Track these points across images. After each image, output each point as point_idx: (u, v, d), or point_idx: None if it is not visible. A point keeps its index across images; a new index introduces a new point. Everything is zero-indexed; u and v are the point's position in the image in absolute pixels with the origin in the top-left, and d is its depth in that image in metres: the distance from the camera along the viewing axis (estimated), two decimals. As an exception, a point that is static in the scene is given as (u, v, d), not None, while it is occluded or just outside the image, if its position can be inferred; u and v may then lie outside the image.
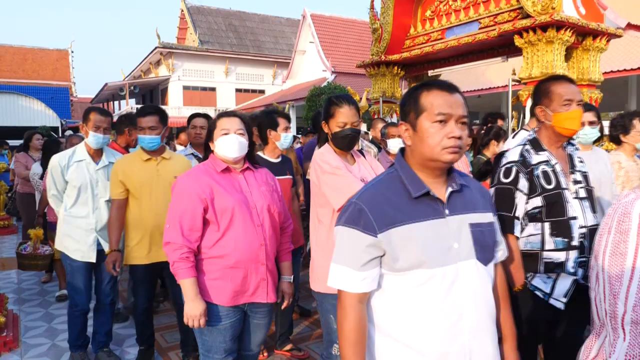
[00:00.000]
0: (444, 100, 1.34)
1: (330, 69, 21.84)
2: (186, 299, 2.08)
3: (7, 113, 23.97)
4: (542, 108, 2.15)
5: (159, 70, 30.08)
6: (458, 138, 1.32)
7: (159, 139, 3.06)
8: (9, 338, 3.68)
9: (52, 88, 26.94)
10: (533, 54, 5.88)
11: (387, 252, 1.33)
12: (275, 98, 23.11)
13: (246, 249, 2.14)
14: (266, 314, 2.36)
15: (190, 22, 30.36)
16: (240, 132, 2.22)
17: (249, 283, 2.18)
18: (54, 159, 3.25)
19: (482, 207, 1.45)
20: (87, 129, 3.19)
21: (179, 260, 2.07)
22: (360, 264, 1.35)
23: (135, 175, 3.03)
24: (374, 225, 1.33)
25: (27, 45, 32.28)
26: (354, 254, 1.36)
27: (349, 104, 2.37)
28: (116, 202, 3.09)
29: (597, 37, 6.20)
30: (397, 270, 1.34)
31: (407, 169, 1.41)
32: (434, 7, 7.51)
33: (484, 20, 6.66)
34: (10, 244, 7.34)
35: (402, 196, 1.37)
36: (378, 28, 7.94)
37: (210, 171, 2.21)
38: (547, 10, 5.58)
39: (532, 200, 2.07)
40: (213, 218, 2.12)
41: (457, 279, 1.33)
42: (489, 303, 1.40)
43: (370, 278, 1.36)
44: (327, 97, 2.49)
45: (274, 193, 2.34)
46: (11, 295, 4.84)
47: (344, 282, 1.38)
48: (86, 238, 3.22)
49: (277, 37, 32.60)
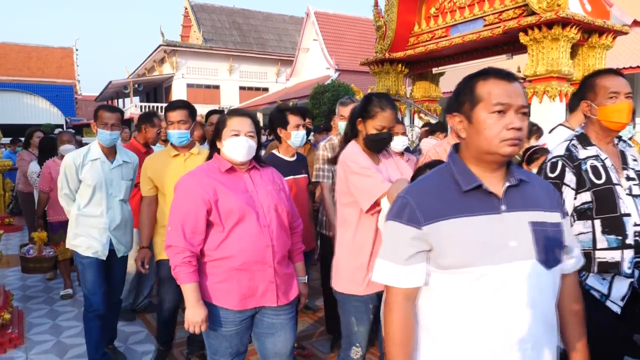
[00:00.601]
0: (503, 89, 1.25)
1: (334, 67, 21.80)
2: (187, 304, 2.02)
3: (12, 111, 24.07)
4: (587, 102, 2.09)
5: (163, 68, 30.12)
6: (518, 129, 1.24)
7: (188, 134, 3.03)
8: (14, 335, 3.70)
9: (56, 86, 27.03)
10: (538, 52, 5.85)
11: (433, 246, 1.27)
12: (279, 96, 23.10)
13: (252, 250, 2.06)
14: (280, 313, 2.20)
15: (194, 20, 30.35)
16: (250, 134, 2.14)
17: (256, 286, 2.09)
18: (68, 158, 3.19)
19: (548, 206, 1.34)
20: (96, 126, 3.17)
21: (181, 264, 2.01)
22: (404, 258, 1.30)
23: (163, 172, 3.01)
24: (418, 218, 1.27)
25: (31, 44, 32.32)
26: (398, 247, 1.31)
27: (392, 108, 2.30)
28: (146, 199, 3.09)
29: (603, 34, 6.16)
30: (444, 268, 1.27)
31: (459, 163, 1.34)
32: (438, 5, 7.47)
33: (488, 17, 6.62)
34: (16, 242, 7.37)
35: (452, 190, 1.30)
36: (382, 25, 7.92)
37: (214, 171, 2.14)
38: (552, 8, 5.55)
39: (581, 195, 2.00)
40: (217, 219, 2.05)
41: (512, 279, 1.23)
42: (548, 310, 1.30)
43: (416, 273, 1.30)
44: (368, 94, 2.42)
45: (281, 192, 2.25)
46: (16, 293, 4.86)
47: (388, 276, 1.33)
48: (100, 237, 3.16)
49: (281, 35, 32.55)
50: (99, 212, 3.17)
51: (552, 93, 5.79)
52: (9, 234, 7.83)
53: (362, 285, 2.28)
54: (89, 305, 3.14)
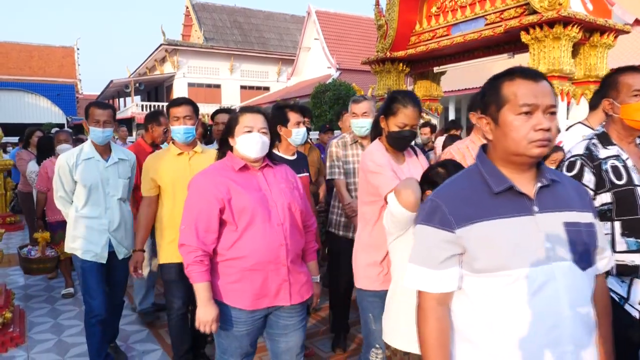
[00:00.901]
0: (529, 90, 1.22)
1: (335, 66, 21.79)
2: (199, 303, 2.01)
3: (13, 110, 24.08)
4: (609, 100, 2.03)
5: (164, 67, 30.13)
6: (547, 130, 1.20)
7: (194, 130, 2.97)
8: (15, 333, 3.71)
9: (58, 85, 27.04)
10: (540, 51, 5.84)
11: (467, 250, 1.24)
12: (280, 95, 23.10)
13: (266, 250, 2.03)
14: (293, 314, 2.19)
15: (195, 19, 30.35)
16: (263, 130, 2.12)
17: (269, 285, 2.07)
18: (61, 158, 3.09)
19: (580, 206, 1.31)
20: (87, 124, 3.07)
21: (193, 263, 2.00)
22: (437, 262, 1.27)
23: (167, 171, 2.92)
24: (450, 221, 1.25)
25: (33, 43, 32.35)
26: (430, 251, 1.28)
27: (414, 105, 2.26)
28: (146, 200, 2.97)
29: (605, 33, 6.14)
30: (478, 271, 1.24)
31: (489, 164, 1.31)
32: (439, 4, 7.46)
33: (490, 16, 6.61)
34: (17, 241, 7.38)
35: (483, 192, 1.27)
36: (383, 24, 7.91)
37: (227, 169, 2.12)
38: (554, 6, 5.54)
39: (600, 196, 1.95)
40: (230, 218, 2.03)
41: (550, 281, 1.20)
42: (587, 313, 1.26)
43: (449, 277, 1.28)
44: (392, 91, 2.38)
45: (294, 190, 2.23)
46: (18, 291, 4.87)
47: (421, 281, 1.31)
48: (99, 239, 3.06)
49: (282, 34, 32.54)
50: (97, 213, 3.08)
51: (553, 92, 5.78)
52: (10, 233, 7.84)
53: (377, 281, 2.30)
54: (90, 310, 3.06)
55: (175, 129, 2.93)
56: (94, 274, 3.06)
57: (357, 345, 3.59)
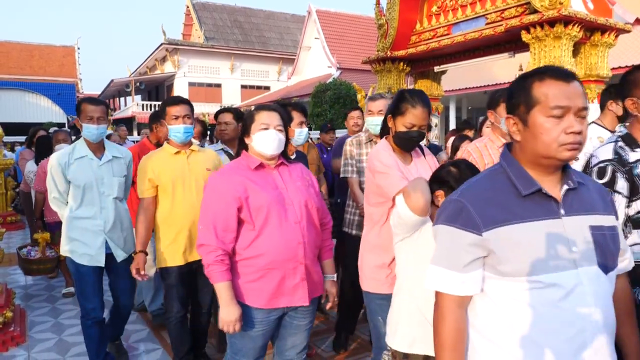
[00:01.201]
0: (561, 91, 1.18)
1: (335, 65, 21.79)
2: (221, 303, 2.00)
3: (14, 109, 24.10)
4: (633, 100, 1.93)
5: (164, 66, 30.14)
6: (578, 133, 1.17)
7: (193, 129, 2.95)
8: (16, 333, 3.71)
9: (58, 84, 27.04)
10: (540, 50, 5.83)
11: (492, 253, 1.21)
12: (281, 94, 23.10)
13: (284, 248, 2.03)
14: (307, 315, 2.22)
15: (195, 19, 30.35)
16: (279, 127, 2.12)
17: (287, 284, 2.07)
18: (53, 158, 2.99)
19: (603, 209, 1.30)
20: (80, 121, 2.96)
21: (214, 262, 1.99)
22: (462, 265, 1.24)
23: (166, 171, 2.86)
24: (477, 223, 1.22)
25: (33, 42, 32.36)
26: (455, 254, 1.25)
27: (423, 106, 2.19)
28: (144, 201, 2.88)
29: (606, 32, 6.13)
30: (504, 275, 1.21)
31: (516, 165, 1.27)
32: (440, 3, 7.46)
33: (490, 15, 6.60)
34: (18, 240, 7.38)
35: (510, 194, 1.24)
36: (384, 24, 7.91)
37: (243, 168, 2.11)
38: (555, 6, 5.53)
39: (635, 203, 1.85)
40: (248, 217, 2.02)
41: (577, 286, 1.18)
42: (610, 316, 1.25)
43: (472, 280, 1.25)
44: (400, 90, 2.32)
45: (310, 188, 2.22)
46: (18, 291, 4.87)
47: (444, 284, 1.28)
48: (94, 240, 2.97)
49: (283, 34, 32.54)
50: (91, 214, 2.98)
51: (554, 91, 5.77)
52: (11, 232, 7.84)
53: (385, 284, 2.25)
54: (85, 313, 3.01)
55: (175, 128, 2.88)
56: (90, 278, 2.98)
57: (358, 346, 3.59)
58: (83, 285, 2.99)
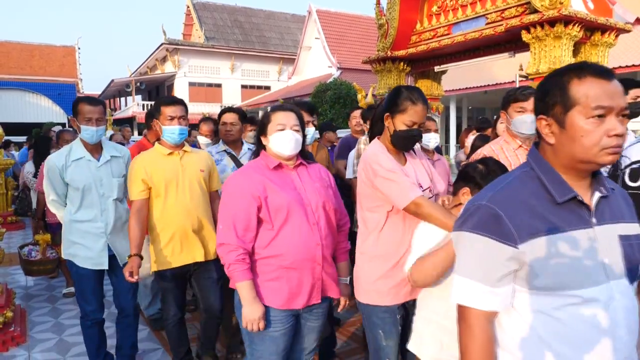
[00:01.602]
0: (602, 90, 1.09)
1: (336, 65, 21.78)
2: (244, 302, 1.99)
3: (14, 109, 24.11)
4: None
5: (165, 66, 30.14)
6: (620, 135, 1.09)
7: (187, 130, 2.90)
8: (16, 333, 3.71)
9: (59, 84, 27.04)
10: (541, 50, 5.82)
11: (527, 266, 1.13)
12: (281, 94, 23.09)
13: (302, 249, 2.02)
14: (320, 316, 2.22)
15: (196, 19, 30.36)
16: (296, 128, 2.11)
17: (304, 284, 2.06)
18: (49, 160, 2.90)
19: (629, 217, 1.23)
20: (77, 122, 2.85)
21: (235, 262, 1.98)
22: (495, 279, 1.14)
23: (159, 172, 2.80)
24: (513, 234, 1.12)
25: (34, 42, 32.36)
26: (488, 266, 1.15)
27: (423, 102, 2.09)
28: (137, 203, 2.80)
29: (606, 32, 6.13)
30: (537, 289, 1.13)
31: (550, 170, 1.17)
32: (440, 3, 7.46)
33: (490, 15, 6.60)
34: (18, 240, 7.39)
35: (543, 200, 1.15)
36: (384, 24, 7.90)
37: (262, 168, 2.11)
38: (555, 5, 5.53)
39: None
40: (267, 217, 2.02)
41: (611, 301, 1.12)
42: (636, 327, 1.18)
43: (504, 295, 1.16)
44: (397, 87, 2.19)
45: (328, 189, 2.21)
46: (19, 291, 4.87)
47: (474, 298, 1.17)
48: (95, 244, 2.91)
49: (283, 33, 32.54)
50: (92, 216, 2.91)
51: (554, 91, 5.78)
52: (12, 232, 7.86)
53: (388, 295, 2.09)
54: (84, 314, 2.99)
55: (169, 129, 2.82)
56: (90, 281, 2.94)
57: (358, 345, 3.56)
58: (83, 287, 2.95)
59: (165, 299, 2.97)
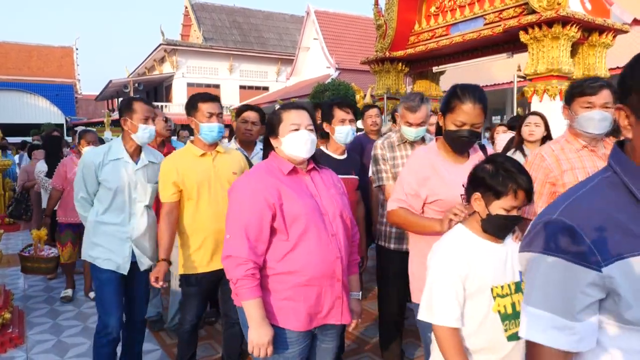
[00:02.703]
0: None
1: (334, 66, 21.80)
2: (251, 323, 1.77)
3: (12, 110, 24.08)
4: None
5: (163, 67, 30.13)
6: None
7: (224, 128, 2.74)
8: (14, 334, 3.70)
9: (56, 85, 27.05)
10: (539, 50, 5.84)
11: (615, 294, 0.90)
12: (279, 95, 23.10)
13: (321, 263, 1.82)
14: (335, 337, 2.03)
15: (194, 19, 30.36)
16: (310, 128, 1.93)
17: (323, 303, 1.86)
18: (87, 157, 2.79)
19: None
20: (132, 122, 2.73)
21: (244, 277, 1.75)
22: (576, 311, 0.91)
23: (191, 174, 2.64)
24: (595, 255, 0.89)
25: (32, 43, 32.35)
26: (564, 295, 0.92)
27: (474, 101, 1.91)
28: (167, 206, 2.65)
29: (604, 32, 6.15)
30: (632, 324, 0.90)
31: (635, 171, 0.94)
32: (438, 3, 7.47)
33: (489, 16, 6.62)
34: (16, 241, 7.38)
35: (631, 212, 0.92)
36: (382, 24, 7.91)
37: (275, 172, 1.90)
38: (553, 6, 5.55)
39: None
40: (282, 227, 1.81)
41: None
42: None
43: (586, 331, 0.93)
44: (453, 85, 2.02)
45: (343, 196, 2.02)
46: (17, 292, 4.86)
47: (546, 335, 0.94)
48: (121, 248, 2.75)
49: (281, 34, 32.55)
50: (119, 220, 2.77)
51: (552, 92, 5.78)
52: (9, 233, 7.85)
53: None
54: (103, 327, 2.74)
55: (208, 126, 2.66)
56: (112, 286, 2.75)
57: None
58: (104, 294, 2.76)
59: (187, 304, 2.82)
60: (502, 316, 1.60)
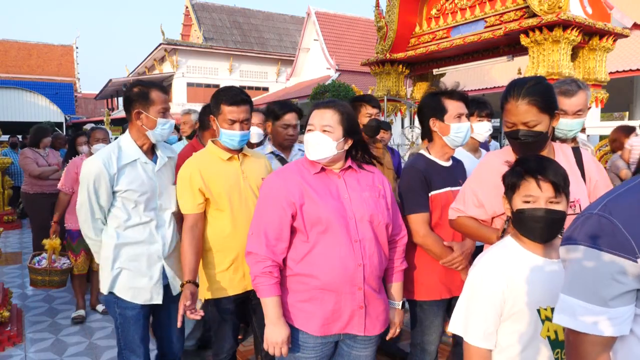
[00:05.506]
0: None
1: (334, 67, 21.81)
2: (267, 321, 1.77)
3: (11, 108, 24.05)
4: None
5: (163, 66, 30.12)
6: None
7: (249, 134, 2.36)
8: (12, 332, 3.70)
9: (56, 83, 27.01)
10: (539, 54, 5.85)
11: None
12: (279, 96, 23.11)
13: (340, 269, 1.75)
14: (369, 344, 1.91)
15: (194, 19, 30.35)
16: (327, 128, 1.79)
17: (341, 310, 1.79)
18: (95, 165, 2.18)
19: None
20: (149, 115, 2.24)
21: (262, 274, 1.76)
22: (608, 298, 0.97)
23: (219, 180, 2.25)
24: (631, 245, 0.94)
25: (32, 41, 32.34)
26: (599, 283, 0.98)
27: (518, 98, 1.70)
28: (191, 218, 2.23)
29: (604, 36, 6.17)
30: None
31: None
32: (439, 6, 7.48)
33: (489, 19, 6.63)
34: (15, 239, 7.37)
35: None
36: (383, 26, 7.92)
37: (303, 171, 1.86)
38: (553, 10, 5.56)
39: None
40: (301, 227, 1.78)
41: None
42: None
43: (621, 318, 0.97)
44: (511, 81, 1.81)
45: (380, 199, 1.89)
46: (15, 290, 4.85)
47: (585, 322, 1.00)
48: (151, 270, 2.27)
49: (282, 35, 32.56)
50: (146, 235, 2.27)
51: (552, 95, 5.82)
52: (8, 231, 7.84)
53: None
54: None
55: (230, 134, 2.24)
56: (140, 323, 2.28)
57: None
58: (131, 334, 2.28)
59: (220, 332, 2.41)
60: (552, 343, 1.46)
